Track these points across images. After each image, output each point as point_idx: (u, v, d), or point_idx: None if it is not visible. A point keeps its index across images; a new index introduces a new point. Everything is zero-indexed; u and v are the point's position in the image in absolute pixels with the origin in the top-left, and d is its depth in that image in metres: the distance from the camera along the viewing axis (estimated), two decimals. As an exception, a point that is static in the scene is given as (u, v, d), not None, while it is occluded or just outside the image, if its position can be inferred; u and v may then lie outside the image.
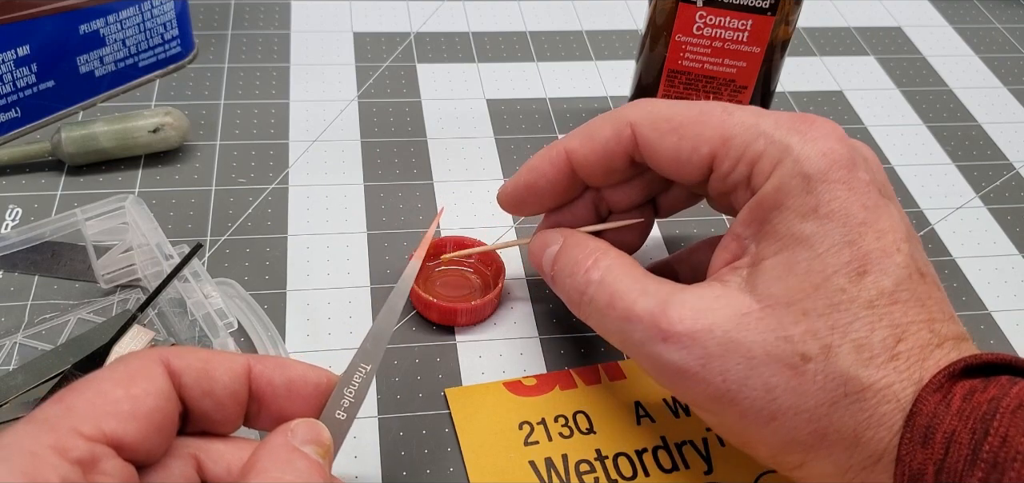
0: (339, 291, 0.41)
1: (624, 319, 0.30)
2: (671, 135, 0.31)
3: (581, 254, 0.33)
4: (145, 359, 0.25)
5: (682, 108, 0.32)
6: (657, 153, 0.32)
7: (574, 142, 0.34)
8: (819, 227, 0.28)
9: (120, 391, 0.24)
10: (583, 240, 0.34)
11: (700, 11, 0.44)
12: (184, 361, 0.26)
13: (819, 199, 0.28)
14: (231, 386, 0.26)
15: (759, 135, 0.29)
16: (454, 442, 0.35)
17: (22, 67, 0.45)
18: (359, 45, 0.56)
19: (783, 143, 0.29)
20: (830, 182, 0.28)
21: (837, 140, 0.29)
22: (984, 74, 0.60)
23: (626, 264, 0.32)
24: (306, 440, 0.26)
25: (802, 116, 0.30)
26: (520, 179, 0.36)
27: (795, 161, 0.28)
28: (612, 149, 0.33)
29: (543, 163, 0.35)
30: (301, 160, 0.47)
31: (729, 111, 0.31)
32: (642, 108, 0.33)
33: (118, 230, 0.37)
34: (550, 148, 0.35)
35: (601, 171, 0.34)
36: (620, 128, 0.33)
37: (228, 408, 0.26)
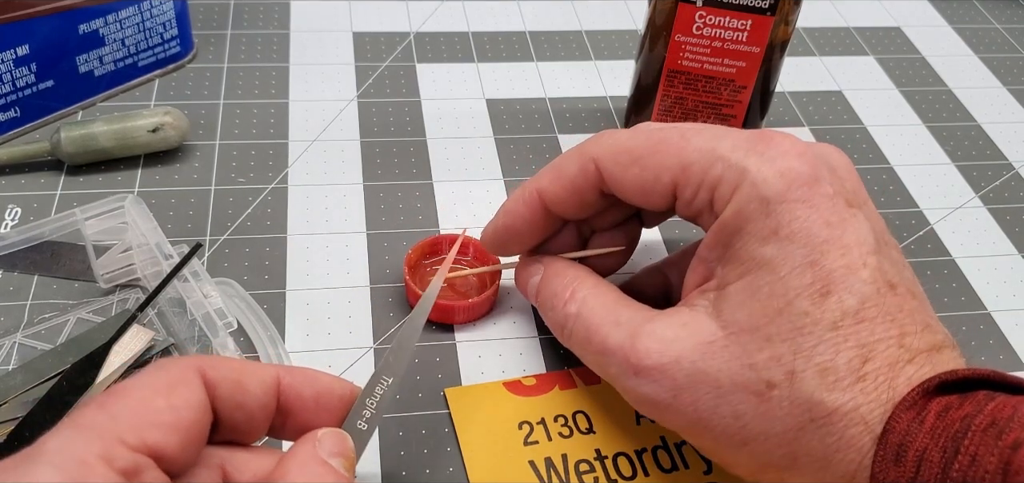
0: (338, 291, 0.41)
1: (599, 353, 0.31)
2: (633, 167, 0.31)
3: (559, 286, 0.34)
4: (184, 368, 0.25)
5: (642, 138, 0.32)
6: (622, 186, 0.32)
7: (544, 181, 0.34)
8: (780, 250, 0.27)
9: (162, 401, 0.24)
10: (562, 269, 0.34)
11: (700, 11, 0.44)
12: (219, 373, 0.26)
13: (779, 221, 0.27)
14: (262, 399, 0.26)
15: (716, 160, 0.29)
16: (454, 442, 0.35)
17: (21, 67, 0.45)
18: (358, 45, 0.56)
19: (740, 166, 0.29)
20: (789, 202, 0.27)
21: (796, 157, 0.28)
22: (983, 74, 0.60)
23: (601, 293, 0.32)
24: (333, 452, 0.26)
25: (760, 134, 0.29)
26: (498, 223, 0.36)
27: (752, 184, 0.28)
28: (580, 185, 0.33)
29: (517, 205, 0.35)
30: (300, 160, 0.47)
31: (686, 137, 0.31)
32: (603, 143, 0.33)
33: (117, 230, 0.37)
34: (523, 189, 0.35)
35: (574, 206, 0.34)
36: (584, 164, 0.33)
37: (257, 420, 0.27)
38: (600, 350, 0.31)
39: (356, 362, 0.38)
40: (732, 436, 0.28)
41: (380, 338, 0.39)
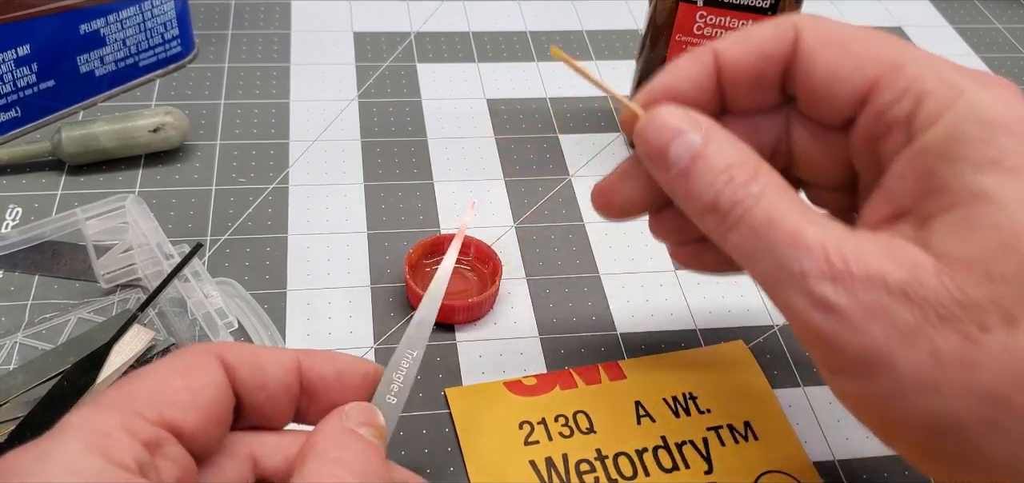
0: (339, 290, 0.41)
1: (788, 244, 0.25)
2: (835, 48, 0.28)
3: (737, 157, 0.27)
4: (201, 353, 0.25)
5: (854, 28, 0.28)
6: (815, 64, 0.28)
7: (726, 42, 0.30)
8: (1003, 181, 0.24)
9: (179, 381, 0.24)
10: (735, 139, 0.28)
11: (700, 11, 0.44)
12: (238, 356, 0.26)
13: (1002, 150, 0.24)
14: (283, 379, 0.26)
15: (931, 72, 0.26)
16: (454, 442, 0.35)
17: (22, 67, 0.45)
18: (359, 45, 0.56)
19: (958, 85, 0.25)
20: (1014, 134, 0.24)
21: (1018, 97, 0.25)
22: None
23: (786, 185, 0.27)
24: (361, 422, 0.26)
25: (980, 73, 0.26)
26: (659, 82, 0.30)
27: (972, 105, 0.25)
28: (769, 52, 0.29)
29: (687, 64, 0.30)
30: (301, 160, 0.47)
31: (904, 44, 0.27)
32: (809, 17, 0.29)
33: (118, 230, 0.37)
34: (697, 50, 0.30)
35: (750, 81, 0.29)
36: (783, 29, 0.29)
37: (280, 401, 0.27)
38: (789, 240, 0.25)
39: (357, 362, 0.38)
40: (920, 378, 0.24)
41: (381, 338, 0.39)
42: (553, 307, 0.41)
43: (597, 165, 0.49)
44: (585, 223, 0.45)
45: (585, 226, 0.45)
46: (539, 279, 0.42)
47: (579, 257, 0.43)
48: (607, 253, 0.44)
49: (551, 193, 0.47)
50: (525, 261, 0.43)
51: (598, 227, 0.45)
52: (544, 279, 0.42)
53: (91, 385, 0.34)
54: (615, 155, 0.50)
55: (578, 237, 0.44)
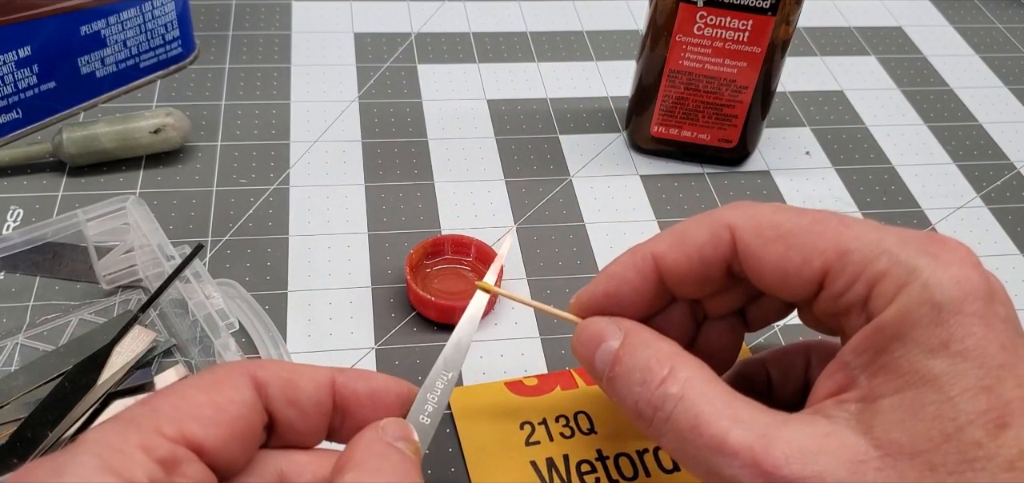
0: (340, 291, 0.41)
1: (714, 450, 0.25)
2: (777, 244, 0.27)
3: (653, 358, 0.27)
4: (231, 370, 0.25)
5: (791, 214, 0.27)
6: (760, 264, 0.27)
7: (663, 245, 0.29)
8: (950, 366, 0.24)
9: (204, 397, 0.24)
10: (652, 339, 0.28)
11: (701, 11, 0.44)
12: (269, 372, 0.26)
13: (951, 333, 0.24)
14: (315, 396, 0.26)
15: (881, 252, 0.25)
16: (455, 442, 0.35)
17: (23, 68, 0.45)
18: (360, 46, 0.56)
19: (910, 264, 0.25)
20: (964, 315, 0.24)
21: (972, 267, 0.25)
22: (985, 74, 0.60)
23: (709, 378, 0.27)
24: (397, 437, 0.26)
25: (931, 236, 0.26)
26: (598, 288, 0.30)
27: (924, 286, 0.24)
28: (708, 256, 0.28)
29: (626, 270, 0.30)
30: (302, 161, 0.47)
31: (846, 223, 0.27)
32: (742, 210, 0.28)
33: (119, 231, 0.37)
34: (634, 251, 0.30)
35: (694, 280, 0.29)
36: (717, 231, 0.28)
37: (313, 418, 0.26)
38: (715, 447, 0.25)
39: (358, 363, 0.38)
40: None
41: (382, 338, 0.39)
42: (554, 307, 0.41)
43: (597, 165, 0.49)
44: (585, 223, 0.45)
45: (585, 226, 0.45)
46: (540, 279, 0.42)
47: (580, 257, 0.43)
48: (608, 253, 0.44)
49: (552, 193, 0.47)
50: (526, 261, 0.43)
51: (598, 227, 0.45)
52: (545, 279, 0.42)
53: (92, 386, 0.34)
54: (615, 156, 0.50)
55: (579, 237, 0.45)
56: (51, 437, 0.32)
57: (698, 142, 0.49)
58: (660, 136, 0.49)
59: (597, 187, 0.48)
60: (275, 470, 0.26)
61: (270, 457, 0.26)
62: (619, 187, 0.48)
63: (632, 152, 0.50)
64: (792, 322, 0.31)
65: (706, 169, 0.50)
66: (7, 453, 0.31)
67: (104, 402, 0.34)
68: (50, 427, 0.32)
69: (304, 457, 0.26)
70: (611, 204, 0.47)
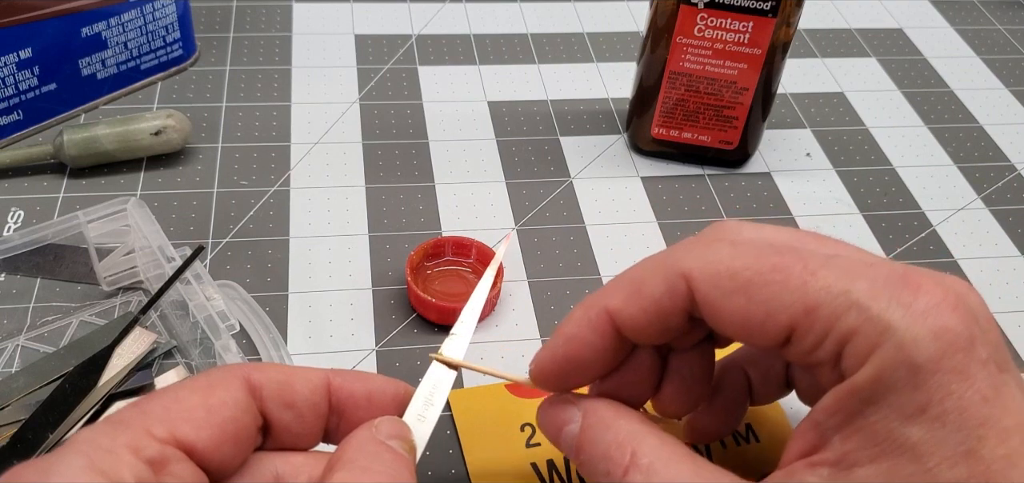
0: (341, 293, 0.41)
1: None
2: (737, 296, 0.25)
3: (611, 443, 0.26)
4: (225, 372, 0.25)
5: (750, 258, 0.25)
6: (720, 316, 0.26)
7: (616, 300, 0.27)
8: (929, 433, 0.22)
9: (196, 399, 0.24)
10: (611, 419, 0.27)
11: (701, 13, 0.44)
12: (264, 374, 0.26)
13: (930, 395, 0.22)
14: (311, 398, 0.26)
15: (850, 306, 0.23)
16: (456, 444, 0.35)
17: (24, 70, 0.45)
18: (360, 47, 0.56)
19: (882, 320, 0.23)
20: (943, 372, 0.22)
21: (950, 310, 0.23)
22: (985, 75, 0.60)
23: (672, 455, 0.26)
24: (391, 435, 0.26)
25: (903, 276, 0.24)
26: (557, 351, 0.28)
27: (899, 346, 0.23)
28: (665, 308, 0.27)
29: (581, 330, 0.28)
30: (303, 162, 0.47)
31: (811, 269, 0.24)
32: (696, 254, 0.26)
33: (120, 232, 0.37)
34: (586, 308, 0.28)
35: (655, 332, 0.27)
36: (672, 282, 0.26)
37: (308, 420, 0.26)
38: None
39: (358, 365, 0.38)
40: None
41: (382, 340, 0.39)
42: (554, 309, 0.41)
43: (598, 167, 0.49)
44: (586, 225, 0.45)
45: (586, 228, 0.45)
46: (540, 281, 0.42)
47: (580, 259, 0.43)
48: (608, 255, 0.44)
49: (552, 195, 0.47)
50: (526, 263, 0.43)
51: (599, 229, 0.45)
52: (545, 281, 0.42)
53: (93, 388, 0.34)
54: (616, 157, 0.50)
55: (579, 239, 0.45)
56: (52, 439, 0.32)
57: (699, 144, 0.49)
58: (661, 138, 0.49)
59: (598, 189, 0.48)
60: (271, 471, 0.26)
61: (266, 459, 0.26)
62: (620, 189, 0.48)
63: (633, 154, 0.50)
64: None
65: (707, 171, 0.50)
66: (7, 454, 0.31)
67: (105, 404, 0.34)
68: (51, 429, 0.32)
69: (300, 459, 0.26)
70: (612, 206, 0.47)
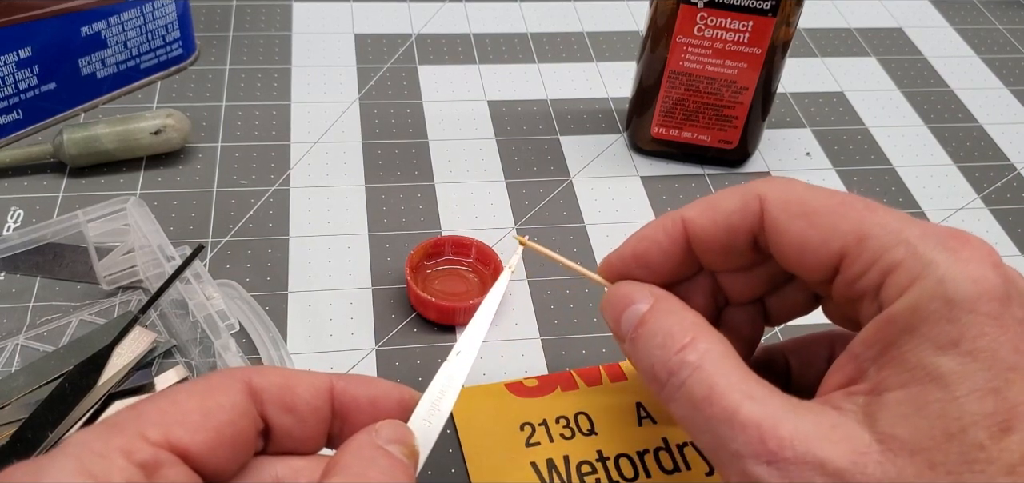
0: (341, 292, 0.41)
1: (724, 421, 0.26)
2: (801, 220, 0.27)
3: (677, 326, 0.28)
4: (225, 376, 0.25)
5: (820, 194, 0.27)
6: (782, 237, 0.28)
7: (693, 211, 0.30)
8: (959, 364, 0.23)
9: (193, 402, 0.24)
10: (679, 308, 0.29)
11: (701, 12, 0.44)
12: (266, 378, 0.26)
13: (963, 331, 0.24)
14: (313, 402, 0.26)
15: (900, 242, 0.25)
16: (455, 443, 0.35)
17: (24, 69, 0.45)
18: (360, 47, 0.56)
19: (927, 257, 0.24)
20: (978, 314, 0.24)
21: (991, 267, 0.24)
22: (985, 75, 0.60)
23: (728, 353, 0.27)
24: (391, 439, 0.26)
25: (953, 232, 0.25)
26: (627, 248, 0.31)
27: (939, 281, 0.24)
28: (736, 224, 0.29)
29: (656, 232, 0.30)
30: (302, 161, 0.47)
31: (871, 208, 0.27)
32: (775, 184, 0.28)
33: (120, 232, 0.37)
34: (665, 215, 0.30)
35: (721, 248, 0.29)
36: (748, 200, 0.28)
37: (310, 424, 0.26)
38: (725, 417, 0.25)
39: (358, 364, 0.38)
40: None
41: (382, 340, 0.39)
42: (554, 308, 0.41)
43: (598, 166, 0.49)
44: (586, 225, 0.45)
45: (586, 227, 0.45)
46: (540, 280, 0.42)
47: (581, 258, 0.43)
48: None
49: (552, 194, 0.47)
50: (526, 263, 0.43)
51: (599, 228, 0.45)
52: (545, 280, 0.42)
53: (93, 387, 0.34)
54: (616, 156, 0.50)
55: (579, 238, 0.45)
56: (51, 438, 0.32)
57: (698, 143, 0.49)
58: (660, 137, 0.49)
59: (597, 188, 0.48)
60: (271, 475, 0.26)
61: (267, 463, 0.26)
62: (620, 188, 0.48)
63: (632, 153, 0.50)
64: (814, 320, 0.31)
65: (707, 170, 0.50)
66: (7, 454, 0.31)
67: (104, 403, 0.34)
68: (50, 428, 0.32)
69: (301, 463, 0.26)
70: (611, 205, 0.47)
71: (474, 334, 0.30)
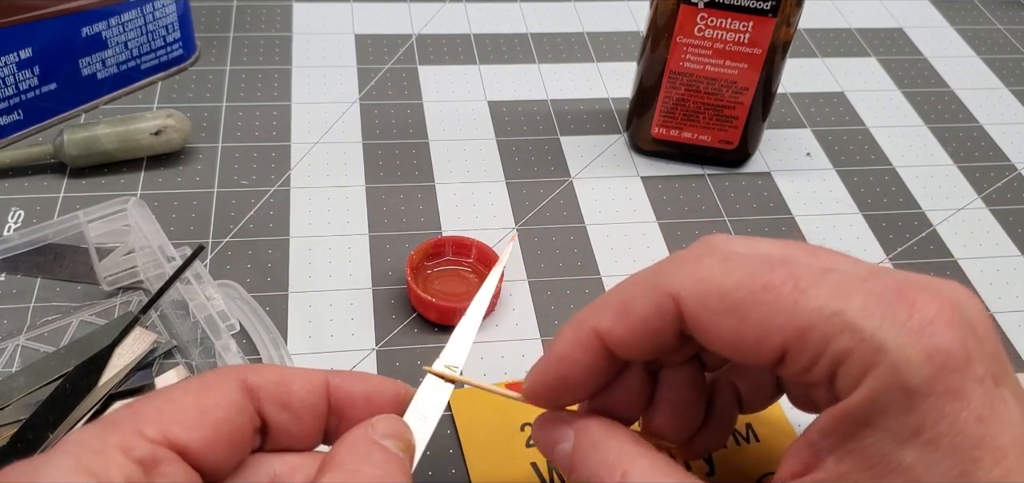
0: (341, 293, 0.41)
1: None
2: (728, 317, 0.25)
3: (602, 465, 0.27)
4: (221, 374, 0.25)
5: (739, 274, 0.25)
6: (711, 337, 0.25)
7: (606, 320, 0.27)
8: (922, 456, 0.22)
9: (190, 400, 0.24)
10: (601, 438, 0.27)
11: (701, 12, 0.44)
12: (261, 376, 0.26)
13: (924, 418, 0.22)
14: (308, 399, 0.26)
15: (843, 328, 0.23)
16: (456, 443, 0.35)
17: (24, 70, 0.45)
18: (361, 47, 0.56)
19: (875, 341, 0.23)
20: (936, 395, 0.22)
21: (945, 326, 0.22)
22: (985, 75, 0.60)
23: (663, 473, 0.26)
24: (387, 434, 0.26)
25: (899, 290, 0.23)
26: (548, 372, 0.29)
27: (892, 368, 0.22)
28: (654, 327, 0.26)
29: (573, 350, 0.28)
30: (303, 162, 0.47)
31: (801, 287, 0.24)
32: (688, 274, 0.26)
33: (120, 232, 0.37)
34: (576, 328, 0.28)
35: (645, 350, 0.27)
36: (660, 301, 0.26)
37: (306, 421, 0.26)
38: None
39: (358, 364, 0.38)
40: None
41: (382, 340, 0.39)
42: (554, 309, 0.41)
43: (598, 167, 0.49)
44: (586, 225, 0.45)
45: (586, 228, 0.45)
46: (540, 281, 0.42)
47: (581, 259, 0.43)
48: (608, 255, 0.44)
49: (552, 195, 0.47)
50: (526, 263, 0.43)
51: (599, 229, 0.45)
52: (545, 281, 0.42)
53: (93, 387, 0.34)
54: (616, 157, 0.50)
55: (579, 239, 0.45)
56: (52, 439, 0.32)
57: (699, 143, 0.49)
58: (661, 137, 0.49)
59: (598, 188, 0.48)
60: (268, 472, 0.26)
61: (264, 460, 0.26)
62: (620, 188, 0.48)
63: (633, 153, 0.50)
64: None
65: (707, 170, 0.50)
66: (8, 454, 0.31)
67: (105, 403, 0.34)
68: (51, 428, 0.32)
69: (298, 459, 0.26)
70: (612, 205, 0.47)
71: (466, 330, 0.30)
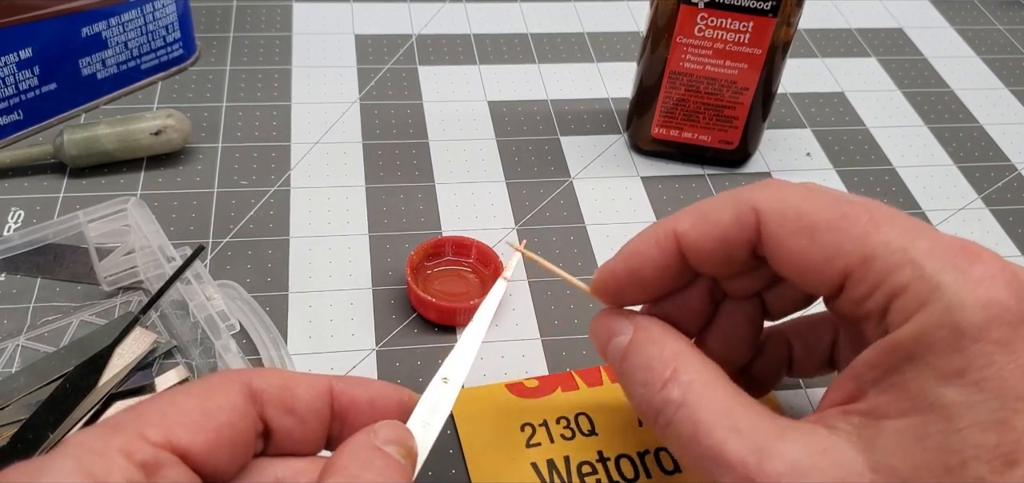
0: (341, 293, 0.41)
1: (710, 460, 0.25)
2: (801, 237, 0.26)
3: (657, 359, 0.27)
4: (225, 377, 0.25)
5: (818, 203, 0.26)
6: (782, 254, 0.26)
7: (685, 223, 0.28)
8: (964, 396, 0.22)
9: (193, 403, 0.24)
10: (659, 336, 0.28)
11: (701, 13, 0.44)
12: (265, 380, 0.26)
13: (969, 361, 0.22)
14: (313, 404, 0.26)
15: (906, 263, 0.24)
16: (456, 443, 0.35)
17: (24, 70, 0.45)
18: (361, 47, 0.56)
19: (934, 280, 0.23)
20: (987, 342, 0.22)
21: (1004, 285, 0.23)
22: (985, 75, 0.60)
23: (713, 380, 0.26)
24: (389, 440, 0.26)
25: (964, 246, 0.24)
26: (619, 265, 0.30)
27: (946, 307, 0.23)
28: (731, 237, 0.27)
29: (648, 246, 0.29)
30: (303, 162, 0.47)
31: (875, 221, 0.25)
32: (769, 192, 0.27)
33: (120, 232, 0.37)
34: (656, 227, 0.29)
35: (717, 260, 0.28)
36: (742, 213, 0.27)
37: (310, 426, 0.26)
38: (712, 457, 0.25)
39: (359, 365, 0.38)
40: None
41: (382, 340, 0.39)
42: (555, 309, 0.41)
43: (598, 167, 0.49)
44: (586, 225, 0.45)
45: (586, 228, 0.45)
46: (541, 281, 0.42)
47: (581, 259, 0.43)
48: (608, 255, 0.43)
49: (552, 195, 0.47)
50: (527, 263, 0.43)
51: (599, 229, 0.45)
52: (546, 281, 0.42)
53: (93, 388, 0.34)
54: (616, 157, 0.50)
55: (579, 239, 0.45)
56: (52, 439, 0.32)
57: (699, 143, 0.49)
58: (661, 138, 0.49)
59: (598, 189, 0.48)
60: (270, 477, 0.26)
61: (266, 464, 0.26)
62: (620, 189, 0.48)
63: (633, 153, 0.50)
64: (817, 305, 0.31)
65: (707, 171, 0.50)
66: (8, 454, 0.31)
67: (105, 404, 0.34)
68: (51, 429, 0.32)
69: (300, 464, 0.26)
70: (612, 206, 0.47)
71: (472, 336, 0.30)
